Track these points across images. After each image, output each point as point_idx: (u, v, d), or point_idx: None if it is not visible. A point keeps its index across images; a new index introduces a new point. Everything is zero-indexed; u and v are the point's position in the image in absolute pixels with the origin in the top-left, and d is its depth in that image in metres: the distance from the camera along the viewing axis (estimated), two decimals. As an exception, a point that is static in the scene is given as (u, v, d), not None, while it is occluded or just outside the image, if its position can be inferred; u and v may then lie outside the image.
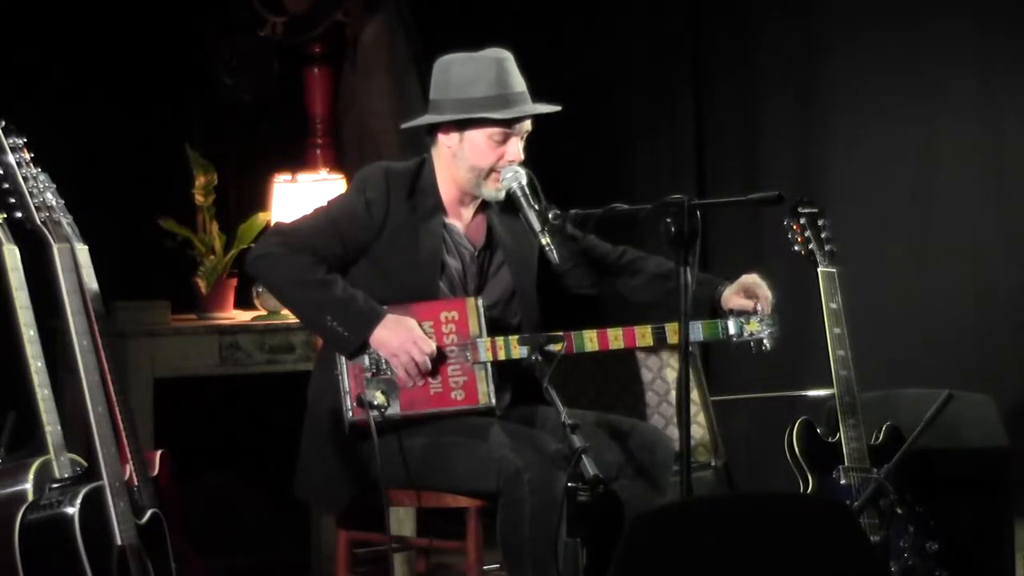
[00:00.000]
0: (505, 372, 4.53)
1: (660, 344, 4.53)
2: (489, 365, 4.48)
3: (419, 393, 4.48)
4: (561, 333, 4.47)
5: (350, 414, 4.46)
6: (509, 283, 4.63)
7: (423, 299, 4.51)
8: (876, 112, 6.21)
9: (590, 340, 4.51)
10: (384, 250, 4.54)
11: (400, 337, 4.44)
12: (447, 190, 4.60)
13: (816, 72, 6.35)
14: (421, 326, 4.47)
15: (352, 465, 4.49)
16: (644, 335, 4.51)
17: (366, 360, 4.47)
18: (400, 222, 4.53)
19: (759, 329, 4.54)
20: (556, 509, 4.17)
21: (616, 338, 4.52)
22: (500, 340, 4.48)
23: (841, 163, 6.27)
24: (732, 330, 4.54)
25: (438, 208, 4.58)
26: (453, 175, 4.58)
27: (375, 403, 4.43)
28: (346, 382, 4.47)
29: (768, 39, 6.49)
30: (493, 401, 4.49)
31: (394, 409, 4.46)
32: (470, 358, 4.49)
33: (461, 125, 4.53)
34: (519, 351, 4.44)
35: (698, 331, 4.51)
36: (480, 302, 4.50)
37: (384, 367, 4.47)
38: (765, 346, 4.54)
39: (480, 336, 4.48)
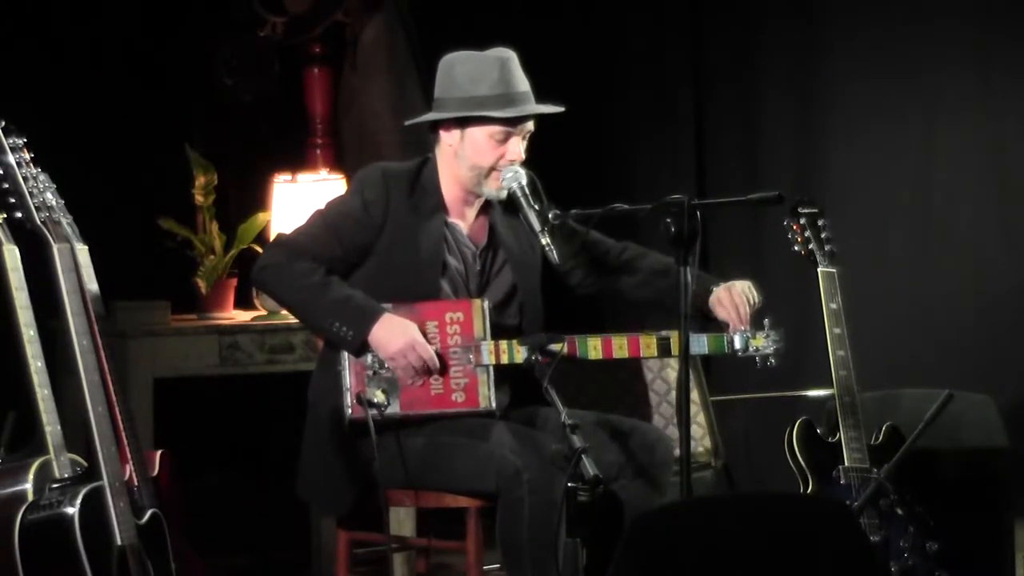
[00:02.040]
0: (503, 371, 4.52)
1: (664, 354, 4.51)
2: (491, 368, 4.48)
3: (419, 393, 4.48)
4: (564, 336, 4.46)
5: (350, 411, 4.46)
6: (511, 283, 4.63)
7: (426, 299, 4.51)
8: (876, 112, 6.20)
9: (594, 348, 4.49)
10: (386, 250, 4.53)
11: (398, 342, 4.43)
12: (449, 189, 4.60)
13: (816, 72, 6.34)
14: (426, 326, 4.46)
15: (354, 467, 4.49)
16: (649, 345, 4.48)
17: (368, 358, 4.47)
18: (400, 221, 4.53)
19: (765, 345, 4.52)
20: (556, 509, 4.17)
21: (620, 347, 4.50)
22: (504, 344, 4.47)
23: (841, 163, 6.26)
24: (737, 345, 4.52)
25: (439, 207, 4.58)
26: (455, 173, 4.58)
27: (375, 401, 4.43)
28: (348, 379, 4.47)
29: (768, 39, 6.48)
30: (493, 404, 4.48)
31: (394, 408, 4.46)
32: (472, 360, 4.48)
33: (463, 123, 4.53)
34: (521, 355, 4.44)
35: (703, 344, 4.49)
36: (486, 304, 4.50)
37: (386, 365, 4.47)
38: (770, 362, 4.53)
39: (484, 339, 4.48)
